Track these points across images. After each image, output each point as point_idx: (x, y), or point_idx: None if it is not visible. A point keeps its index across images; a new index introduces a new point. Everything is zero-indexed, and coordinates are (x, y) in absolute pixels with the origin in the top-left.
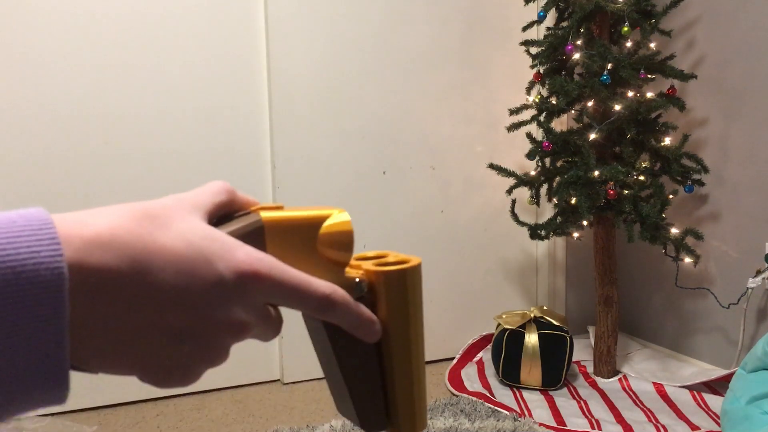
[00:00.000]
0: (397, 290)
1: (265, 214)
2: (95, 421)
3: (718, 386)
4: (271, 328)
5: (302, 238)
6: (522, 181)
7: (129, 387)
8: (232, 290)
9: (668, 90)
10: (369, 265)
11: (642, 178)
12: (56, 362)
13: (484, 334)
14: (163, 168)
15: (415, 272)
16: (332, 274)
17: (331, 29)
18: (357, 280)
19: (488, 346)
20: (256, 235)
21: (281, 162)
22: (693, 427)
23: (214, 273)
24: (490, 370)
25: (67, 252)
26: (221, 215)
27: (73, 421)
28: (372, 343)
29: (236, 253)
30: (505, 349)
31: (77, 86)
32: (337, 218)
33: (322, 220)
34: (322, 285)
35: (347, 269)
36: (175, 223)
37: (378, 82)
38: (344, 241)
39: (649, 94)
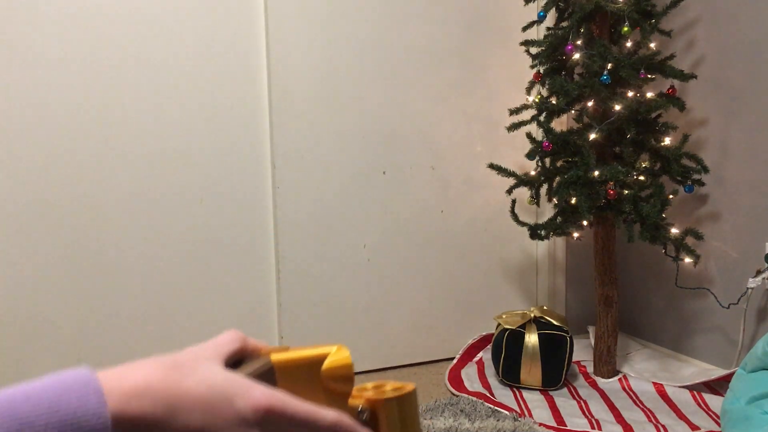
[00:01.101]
0: (397, 414)
1: (274, 357)
2: None
3: (718, 386)
4: None
5: (308, 374)
6: (522, 181)
7: None
8: (251, 424)
9: (668, 90)
10: (369, 394)
11: (642, 178)
12: None
13: (484, 334)
14: (164, 168)
15: (411, 397)
16: (337, 403)
17: (331, 29)
18: (359, 408)
19: (488, 346)
20: (268, 375)
21: (281, 162)
22: (693, 427)
23: (235, 411)
24: (490, 370)
25: (110, 403)
26: (236, 360)
27: None
28: None
29: (253, 392)
30: (505, 349)
31: (76, 86)
32: (337, 355)
33: (324, 357)
34: (330, 413)
35: (350, 399)
36: (199, 370)
37: (378, 82)
38: (345, 374)
39: (649, 94)
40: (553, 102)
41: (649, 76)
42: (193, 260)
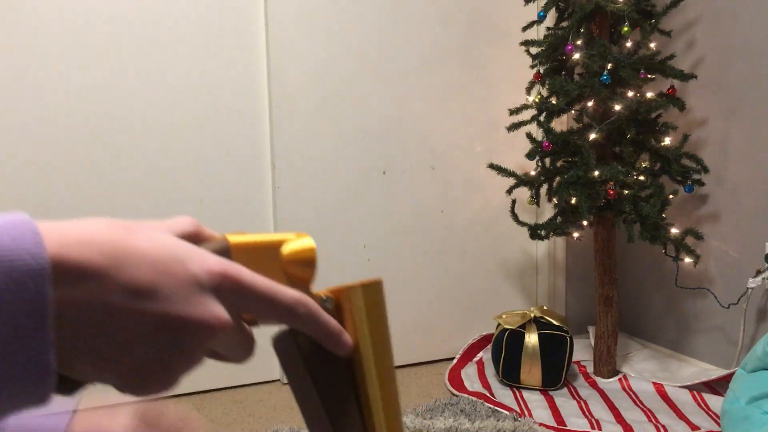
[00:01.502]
0: (362, 304)
1: (231, 238)
2: None
3: (718, 386)
4: (243, 342)
5: (267, 259)
6: (522, 181)
7: None
8: (205, 288)
9: (668, 90)
10: (334, 287)
11: (642, 178)
12: (39, 346)
13: (484, 334)
14: (164, 169)
15: (377, 287)
16: (298, 289)
17: (331, 29)
18: (323, 297)
19: (488, 346)
20: (222, 256)
21: (281, 162)
22: (693, 427)
23: (188, 272)
24: (490, 370)
25: (49, 247)
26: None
27: None
28: (344, 359)
29: (208, 258)
30: (505, 349)
31: (77, 89)
32: (299, 239)
33: (283, 241)
34: (292, 291)
35: (314, 291)
36: (148, 233)
37: (378, 82)
38: (307, 258)
39: (649, 94)
40: (553, 102)
41: (649, 76)
42: None
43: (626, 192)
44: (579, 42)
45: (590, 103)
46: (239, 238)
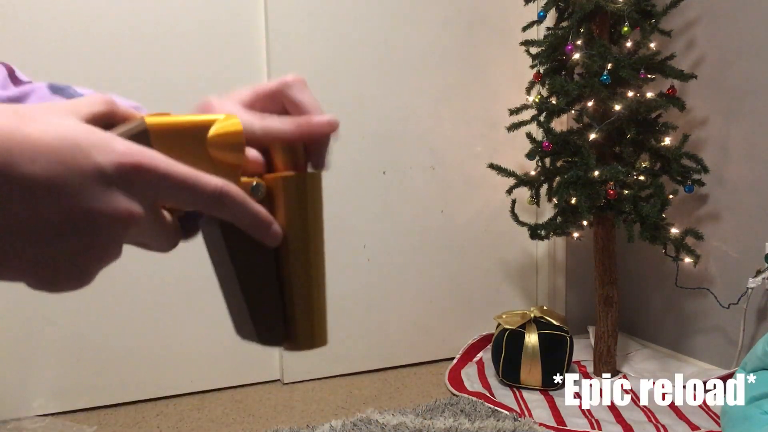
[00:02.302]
0: (296, 196)
1: (150, 119)
2: (95, 421)
3: None
4: (164, 230)
5: (191, 142)
6: (522, 181)
7: (129, 387)
8: (112, 180)
9: (668, 90)
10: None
11: (642, 178)
12: None
13: (484, 334)
14: None
15: (314, 179)
16: (227, 178)
17: (331, 29)
18: (254, 183)
19: (488, 346)
20: (139, 140)
21: None
22: (693, 427)
23: (92, 164)
24: (490, 370)
25: None
26: (102, 126)
27: (73, 421)
28: (270, 249)
29: (115, 145)
30: (505, 349)
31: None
32: (226, 120)
33: (209, 124)
34: (214, 179)
35: (244, 177)
36: (46, 119)
37: (378, 82)
38: (234, 141)
39: (649, 94)
40: (553, 102)
41: (649, 76)
42: (194, 260)
43: (626, 192)
44: (579, 42)
45: (590, 103)
46: (159, 119)
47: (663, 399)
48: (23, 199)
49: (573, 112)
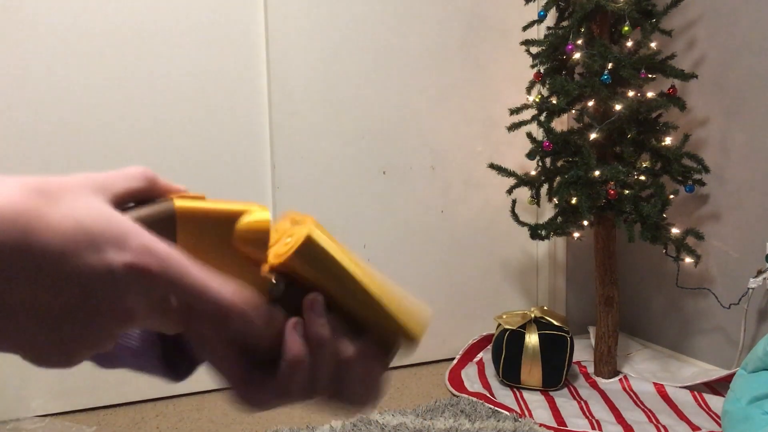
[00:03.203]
0: (309, 264)
1: (179, 203)
2: (95, 421)
3: (718, 386)
4: (171, 320)
5: (217, 232)
6: (522, 181)
7: (129, 387)
8: (119, 280)
9: (669, 90)
10: (272, 257)
11: (642, 178)
12: None
13: (484, 334)
14: (164, 169)
15: (310, 243)
16: (247, 271)
17: (331, 29)
18: (274, 281)
19: (488, 347)
20: (165, 224)
21: (281, 162)
22: (694, 427)
23: (102, 261)
24: (490, 371)
25: None
26: (137, 202)
27: (73, 421)
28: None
29: (130, 241)
30: (506, 349)
31: (77, 89)
32: (255, 215)
33: (239, 214)
34: (227, 288)
35: (265, 275)
36: (68, 201)
37: (378, 82)
38: (260, 238)
39: (650, 94)
40: (554, 102)
41: (650, 75)
42: None
43: (627, 192)
44: (579, 41)
45: (591, 103)
46: (189, 204)
47: (663, 399)
48: (28, 283)
49: (573, 111)
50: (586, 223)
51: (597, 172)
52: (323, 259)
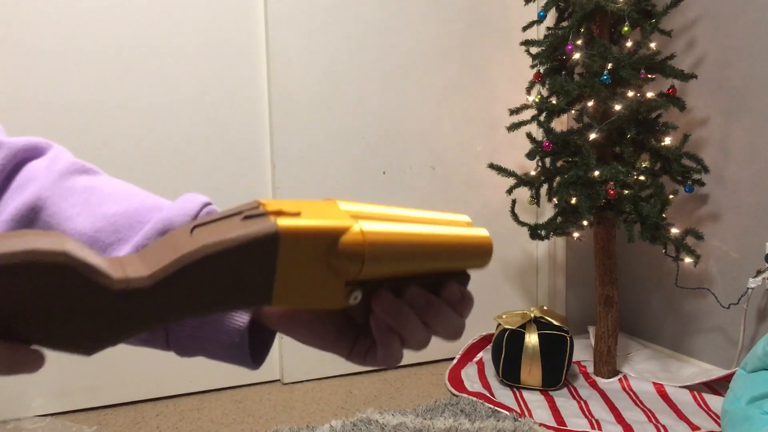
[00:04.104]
0: (382, 263)
1: (282, 222)
2: (95, 421)
3: (718, 386)
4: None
5: (315, 247)
6: (522, 181)
7: (129, 387)
8: None
9: (668, 90)
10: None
11: (642, 178)
12: None
13: (484, 334)
14: (163, 168)
15: (376, 243)
16: (334, 283)
17: (331, 29)
18: (355, 295)
19: (488, 346)
20: (267, 245)
21: (281, 162)
22: (693, 427)
23: None
24: (490, 370)
25: None
26: (226, 215)
27: (73, 421)
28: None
29: None
30: (505, 349)
31: (75, 85)
32: (357, 230)
33: (343, 231)
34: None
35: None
36: None
37: (378, 82)
38: (358, 253)
39: (650, 94)
40: (553, 102)
41: (649, 76)
42: None
43: (626, 192)
44: (579, 42)
45: (590, 103)
46: (293, 223)
47: (663, 399)
48: None
49: (573, 112)
50: (585, 223)
51: (597, 172)
52: (389, 253)
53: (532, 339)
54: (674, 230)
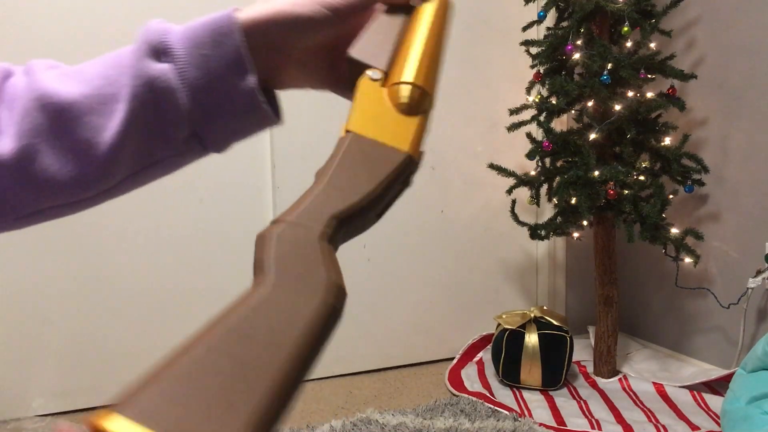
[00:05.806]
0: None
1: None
2: None
3: (718, 386)
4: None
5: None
6: (522, 181)
7: None
8: None
9: (668, 90)
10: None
11: (642, 178)
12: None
13: (484, 334)
14: None
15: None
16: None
17: None
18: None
19: (488, 346)
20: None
21: (281, 162)
22: (693, 427)
23: None
24: (490, 370)
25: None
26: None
27: (74, 421)
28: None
29: None
30: (505, 349)
31: None
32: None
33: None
34: None
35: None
36: None
37: None
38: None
39: (649, 94)
40: (553, 102)
41: (649, 76)
42: (193, 260)
43: (626, 192)
44: (579, 42)
45: (590, 103)
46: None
47: (663, 399)
48: None
49: (573, 112)
50: (585, 223)
51: (596, 172)
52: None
53: (532, 339)
54: (674, 230)
